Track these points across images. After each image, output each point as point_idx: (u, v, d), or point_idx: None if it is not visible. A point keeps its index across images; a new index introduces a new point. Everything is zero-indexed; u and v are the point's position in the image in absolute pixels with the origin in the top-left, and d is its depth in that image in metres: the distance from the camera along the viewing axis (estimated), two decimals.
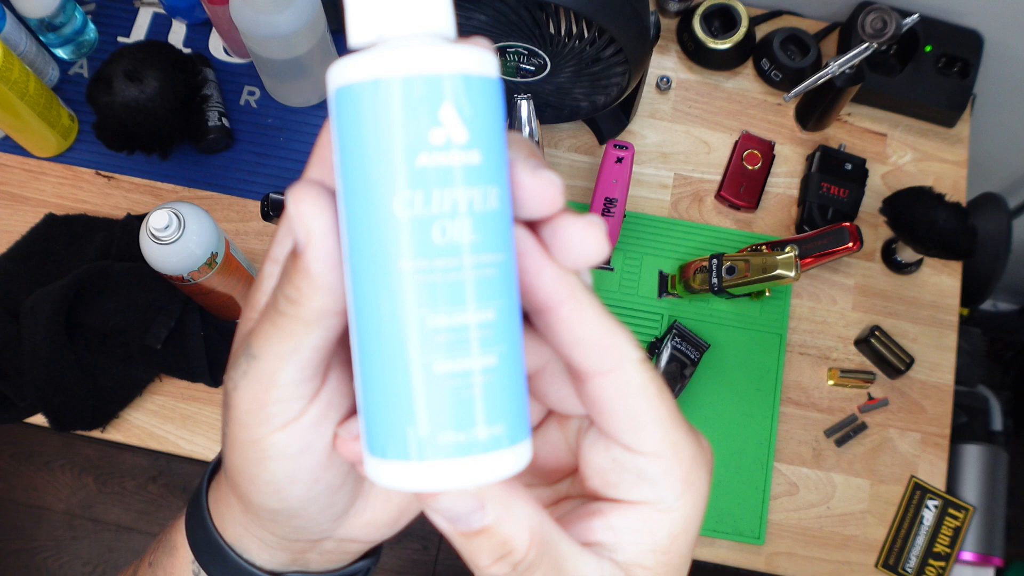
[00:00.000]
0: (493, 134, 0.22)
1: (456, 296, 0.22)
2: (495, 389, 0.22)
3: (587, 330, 0.24)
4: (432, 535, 1.73)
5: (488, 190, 0.22)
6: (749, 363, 0.93)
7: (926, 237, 0.89)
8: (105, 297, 0.88)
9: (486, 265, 0.22)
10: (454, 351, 0.22)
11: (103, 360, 0.89)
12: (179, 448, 0.90)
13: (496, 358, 0.22)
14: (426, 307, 0.22)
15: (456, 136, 0.21)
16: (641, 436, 0.25)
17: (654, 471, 0.25)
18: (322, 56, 0.96)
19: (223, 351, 0.91)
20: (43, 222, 0.96)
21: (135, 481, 1.76)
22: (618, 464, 0.26)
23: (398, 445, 0.22)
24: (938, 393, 0.95)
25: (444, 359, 0.22)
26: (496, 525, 0.23)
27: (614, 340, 0.24)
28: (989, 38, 1.00)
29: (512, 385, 0.23)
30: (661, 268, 0.96)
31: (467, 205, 0.22)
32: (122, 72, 0.88)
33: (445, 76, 0.21)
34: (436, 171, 0.21)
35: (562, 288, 0.24)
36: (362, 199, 0.22)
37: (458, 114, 0.22)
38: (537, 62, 0.83)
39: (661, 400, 0.25)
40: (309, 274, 0.23)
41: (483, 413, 0.22)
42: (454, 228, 0.21)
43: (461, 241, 0.22)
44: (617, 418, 0.25)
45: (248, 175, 0.99)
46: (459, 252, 0.22)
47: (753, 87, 1.04)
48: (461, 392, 0.22)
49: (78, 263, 0.91)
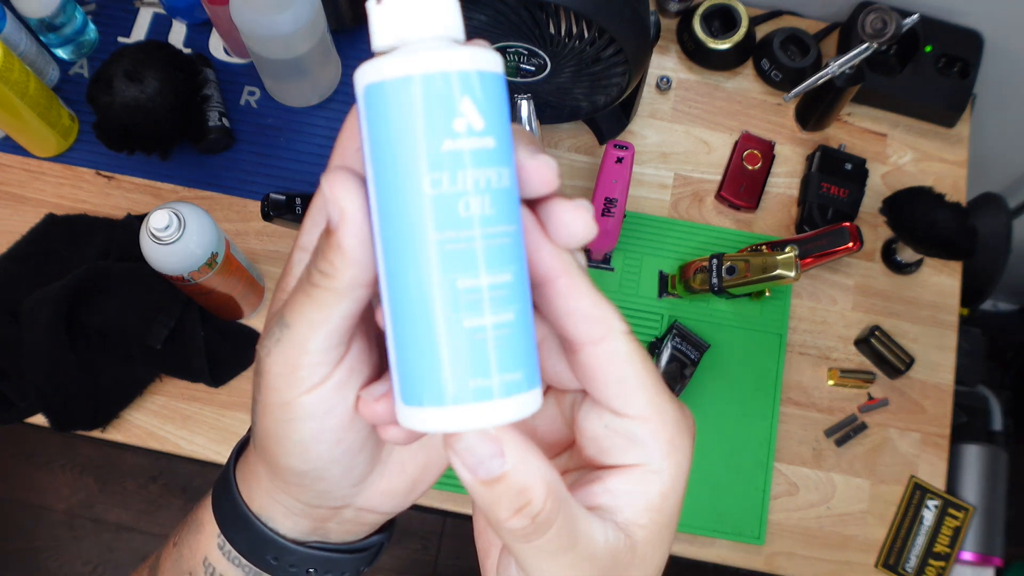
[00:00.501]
0: (503, 122, 0.26)
1: (477, 261, 0.25)
2: (512, 341, 0.26)
3: (579, 302, 0.27)
4: (432, 535, 1.73)
5: (501, 171, 0.25)
6: (749, 363, 0.93)
7: (926, 237, 0.89)
8: (105, 297, 0.88)
9: (501, 235, 0.25)
10: (477, 308, 0.25)
11: (103, 360, 0.89)
12: (179, 448, 0.90)
13: (512, 315, 0.26)
14: (453, 271, 0.25)
15: (475, 124, 0.25)
16: (629, 401, 0.28)
17: (642, 434, 0.28)
18: (322, 56, 0.96)
19: (223, 351, 0.91)
20: (43, 222, 0.96)
21: (135, 481, 1.76)
22: (610, 430, 0.28)
23: (429, 393, 0.25)
24: (938, 393, 0.95)
25: (469, 316, 0.25)
26: (514, 473, 0.25)
27: (603, 312, 0.27)
28: (989, 38, 1.01)
29: (526, 338, 0.26)
30: (661, 268, 0.96)
31: (485, 183, 0.25)
32: (122, 72, 0.88)
33: (464, 73, 0.25)
34: (459, 154, 0.25)
35: (558, 263, 0.27)
36: (393, 181, 0.25)
37: (475, 105, 0.25)
38: (537, 62, 0.83)
39: (645, 368, 0.28)
40: (342, 249, 0.26)
41: (501, 362, 0.25)
42: (475, 203, 0.25)
43: (481, 214, 0.25)
44: (606, 384, 0.28)
45: (248, 175, 0.99)
46: (479, 224, 0.25)
47: (753, 87, 1.04)
48: (483, 344, 0.25)
49: (78, 263, 0.91)
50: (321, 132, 1.01)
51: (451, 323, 0.25)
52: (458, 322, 0.25)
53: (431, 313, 0.25)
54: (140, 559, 1.76)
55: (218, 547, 0.34)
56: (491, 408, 0.25)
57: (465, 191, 0.25)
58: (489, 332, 0.25)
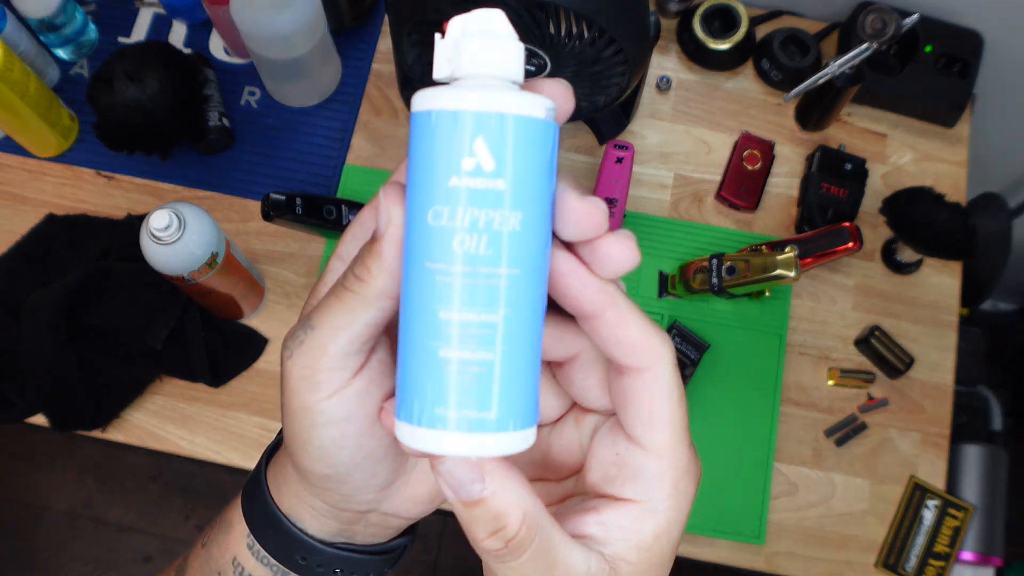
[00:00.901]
0: (527, 167, 0.26)
1: (460, 297, 0.26)
2: (490, 380, 0.26)
3: (627, 332, 0.28)
4: (432, 535, 1.73)
5: (509, 214, 0.26)
6: (749, 363, 0.93)
7: (926, 237, 0.89)
8: (106, 297, 0.88)
9: (496, 276, 0.26)
10: (460, 342, 0.26)
11: (103, 360, 0.89)
12: (179, 448, 0.90)
13: (495, 355, 0.26)
14: (437, 301, 0.26)
15: (485, 165, 0.26)
16: (652, 433, 0.28)
17: (651, 470, 0.28)
18: (322, 56, 0.96)
19: (223, 351, 0.91)
20: (44, 222, 0.96)
21: (135, 481, 1.76)
22: (620, 459, 0.29)
23: (413, 412, 0.26)
24: (938, 393, 0.95)
25: (449, 347, 0.26)
26: (492, 498, 0.26)
27: (651, 341, 0.28)
28: (989, 38, 1.01)
29: (512, 381, 0.26)
30: (661, 268, 0.96)
31: (485, 224, 0.26)
32: (122, 72, 0.88)
33: (482, 114, 0.26)
34: (462, 192, 0.26)
35: (604, 298, 0.27)
36: (412, 206, 0.27)
37: (488, 147, 0.26)
38: (537, 62, 0.83)
39: (679, 406, 0.28)
40: (381, 256, 0.27)
41: (476, 398, 0.26)
42: (470, 241, 0.26)
43: (475, 253, 0.26)
44: (638, 411, 0.28)
45: (248, 175, 0.99)
46: (470, 262, 0.26)
47: (753, 87, 1.04)
48: (462, 377, 0.26)
49: (79, 264, 0.91)
50: (321, 132, 1.01)
51: (430, 349, 0.26)
52: (433, 350, 0.26)
53: (417, 336, 0.26)
54: (140, 559, 1.76)
55: (247, 547, 0.34)
56: (466, 439, 0.26)
57: (462, 228, 0.26)
58: (467, 366, 0.26)
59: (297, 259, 0.96)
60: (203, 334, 0.90)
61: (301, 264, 0.96)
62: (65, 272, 0.88)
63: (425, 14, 0.78)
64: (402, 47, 0.84)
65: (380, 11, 1.06)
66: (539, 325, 0.27)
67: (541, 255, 0.27)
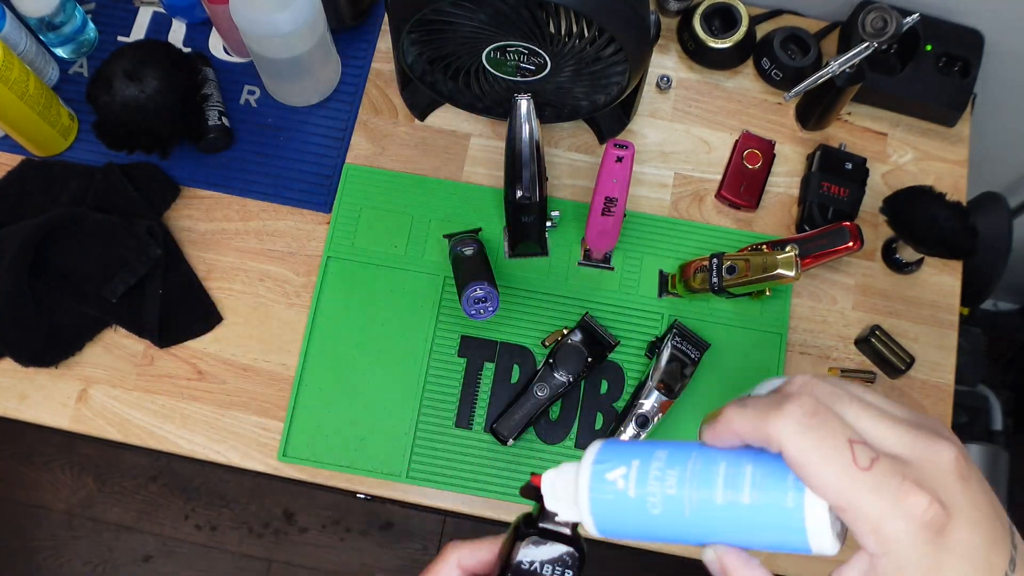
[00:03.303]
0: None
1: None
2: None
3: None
4: (432, 535, 1.73)
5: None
6: (749, 362, 0.93)
7: (926, 236, 0.89)
8: (75, 242, 0.90)
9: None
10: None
11: (59, 297, 0.90)
12: (179, 448, 0.90)
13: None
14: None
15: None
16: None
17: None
18: (322, 55, 0.96)
19: (177, 316, 0.93)
20: (20, 166, 0.97)
21: (135, 481, 1.76)
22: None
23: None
24: (938, 393, 0.95)
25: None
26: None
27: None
28: (990, 37, 1.00)
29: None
30: (661, 267, 0.96)
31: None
32: (122, 71, 0.88)
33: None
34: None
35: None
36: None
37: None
38: (537, 61, 0.83)
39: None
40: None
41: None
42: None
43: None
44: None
45: (248, 175, 0.99)
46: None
47: (753, 86, 1.04)
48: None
49: (53, 207, 0.92)
50: (321, 131, 1.01)
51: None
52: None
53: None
54: (140, 559, 1.76)
55: None
56: None
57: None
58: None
59: (297, 259, 0.96)
60: (161, 293, 0.92)
61: (301, 264, 0.96)
62: (38, 214, 0.90)
63: (425, 13, 0.78)
64: (402, 46, 0.84)
65: (380, 10, 1.06)
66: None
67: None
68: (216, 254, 0.96)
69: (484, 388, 0.92)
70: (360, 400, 0.91)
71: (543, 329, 0.93)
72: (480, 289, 0.83)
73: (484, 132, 1.01)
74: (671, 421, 0.91)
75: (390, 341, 0.93)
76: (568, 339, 0.90)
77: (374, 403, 0.91)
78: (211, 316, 0.94)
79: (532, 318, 0.94)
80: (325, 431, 0.90)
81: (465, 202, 0.98)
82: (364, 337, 0.93)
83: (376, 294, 0.94)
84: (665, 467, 0.35)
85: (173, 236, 0.96)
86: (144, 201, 0.94)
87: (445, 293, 0.94)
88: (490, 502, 0.89)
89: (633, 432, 0.87)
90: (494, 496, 0.89)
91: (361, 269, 0.95)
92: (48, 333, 0.90)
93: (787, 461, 0.33)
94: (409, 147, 1.00)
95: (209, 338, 0.93)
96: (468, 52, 0.83)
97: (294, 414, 0.91)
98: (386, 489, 0.89)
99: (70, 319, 0.91)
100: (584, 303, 0.94)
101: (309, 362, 0.92)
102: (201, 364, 0.93)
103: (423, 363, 0.92)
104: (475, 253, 0.89)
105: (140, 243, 0.90)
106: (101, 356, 0.93)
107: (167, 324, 0.92)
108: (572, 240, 0.96)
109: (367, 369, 0.92)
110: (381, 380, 0.92)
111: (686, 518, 0.34)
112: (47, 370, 0.92)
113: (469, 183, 0.99)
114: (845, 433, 0.32)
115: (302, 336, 0.93)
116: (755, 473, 0.33)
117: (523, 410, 0.88)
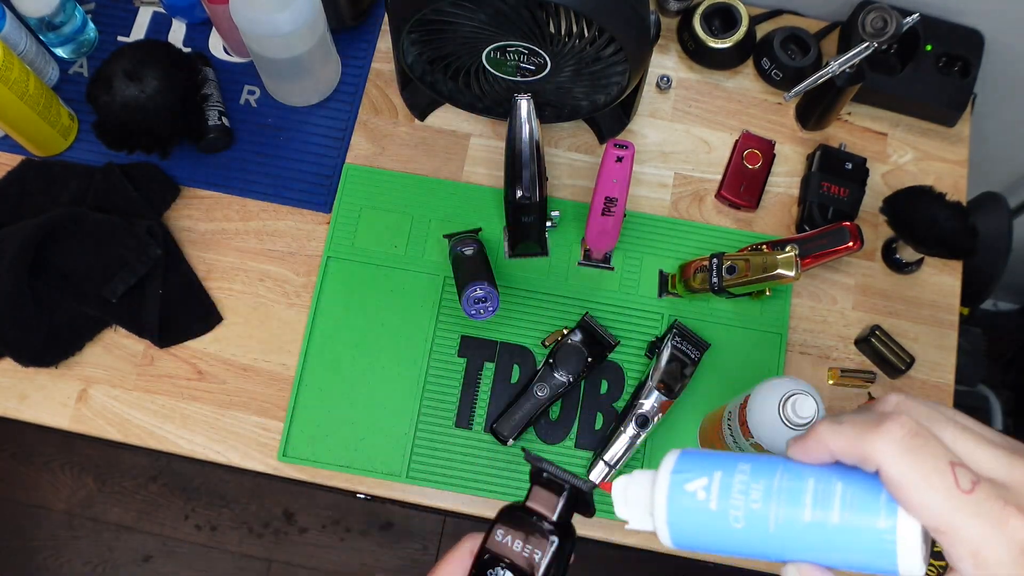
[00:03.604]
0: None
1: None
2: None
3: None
4: (432, 535, 1.73)
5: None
6: (749, 362, 0.93)
7: (926, 236, 0.89)
8: (75, 242, 0.90)
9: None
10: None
11: (59, 297, 0.90)
12: (179, 448, 0.90)
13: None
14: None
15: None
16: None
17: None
18: (322, 55, 0.96)
19: (177, 316, 0.93)
20: (20, 166, 0.97)
21: (135, 481, 1.76)
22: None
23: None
24: (938, 393, 0.95)
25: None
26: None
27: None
28: (990, 37, 1.00)
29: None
30: (661, 267, 0.96)
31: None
32: (122, 71, 0.88)
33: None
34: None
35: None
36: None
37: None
38: (537, 61, 0.83)
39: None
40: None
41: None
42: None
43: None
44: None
45: (248, 174, 0.99)
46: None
47: (753, 86, 1.04)
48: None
49: (53, 207, 0.92)
50: (321, 131, 1.01)
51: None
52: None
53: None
54: (140, 559, 1.76)
55: None
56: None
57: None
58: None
59: (297, 259, 0.96)
60: (161, 293, 0.91)
61: (301, 264, 0.96)
62: (38, 213, 0.90)
63: (425, 13, 0.78)
64: (402, 46, 0.84)
65: (380, 10, 1.06)
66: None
67: None
68: (216, 254, 0.96)
69: (484, 388, 0.92)
70: (360, 400, 0.91)
71: (543, 329, 0.93)
72: (480, 289, 0.83)
73: (484, 132, 1.01)
74: (671, 421, 0.91)
75: (390, 341, 0.93)
76: (568, 339, 0.90)
77: (374, 403, 0.91)
78: (211, 316, 0.94)
79: (532, 318, 0.94)
80: (325, 431, 0.90)
81: (465, 202, 0.98)
82: (364, 337, 0.93)
83: (376, 294, 0.94)
84: (750, 480, 0.35)
85: (173, 236, 0.96)
86: (144, 201, 0.95)
87: (445, 293, 0.94)
88: (490, 502, 0.89)
89: (633, 432, 0.87)
90: (494, 496, 0.89)
91: (361, 269, 0.95)
92: (48, 333, 0.90)
93: (885, 481, 0.32)
94: (409, 147, 1.00)
95: (209, 338, 0.93)
96: (468, 52, 0.83)
97: (294, 414, 0.91)
98: (386, 489, 0.89)
99: (70, 319, 0.91)
100: (584, 303, 0.94)
101: (309, 362, 0.92)
102: (201, 364, 0.93)
103: (423, 363, 0.92)
104: (475, 253, 0.89)
105: (140, 243, 0.90)
106: (101, 356, 0.93)
107: (167, 324, 0.92)
108: (572, 240, 0.96)
109: (367, 369, 0.92)
110: (381, 380, 0.92)
111: (770, 533, 0.34)
112: (47, 370, 0.92)
113: (469, 183, 0.99)
114: (946, 455, 0.32)
115: (302, 336, 0.93)
116: (846, 491, 0.33)
117: (523, 410, 0.88)
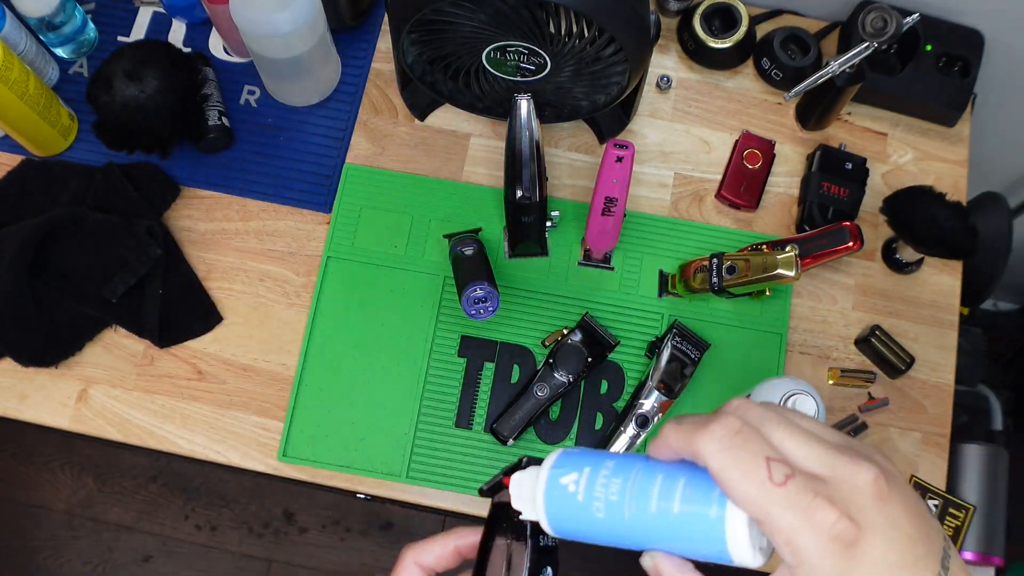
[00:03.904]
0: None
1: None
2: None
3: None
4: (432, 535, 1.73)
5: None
6: (749, 362, 0.93)
7: (926, 236, 0.89)
8: (75, 242, 0.90)
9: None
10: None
11: (59, 297, 0.90)
12: (179, 447, 0.90)
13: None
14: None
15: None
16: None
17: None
18: (322, 55, 0.96)
19: (177, 316, 0.93)
20: (20, 166, 0.97)
21: (135, 481, 1.76)
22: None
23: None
24: (938, 393, 0.95)
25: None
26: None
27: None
28: (990, 37, 1.00)
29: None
30: (661, 267, 0.96)
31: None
32: (122, 71, 0.88)
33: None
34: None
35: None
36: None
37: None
38: (537, 61, 0.83)
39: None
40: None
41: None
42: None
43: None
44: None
45: (248, 175, 0.99)
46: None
47: (753, 86, 1.04)
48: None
49: (53, 207, 0.92)
50: (321, 131, 1.01)
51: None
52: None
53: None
54: (140, 559, 1.76)
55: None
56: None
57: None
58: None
59: (297, 259, 0.96)
60: (161, 293, 0.91)
61: (301, 264, 0.96)
62: (38, 213, 0.90)
63: (425, 13, 0.78)
64: (402, 46, 0.84)
65: (380, 10, 1.06)
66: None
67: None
68: (216, 254, 0.96)
69: (484, 388, 0.92)
70: (360, 400, 0.91)
71: (543, 329, 0.93)
72: (480, 289, 0.83)
73: (484, 132, 1.01)
74: None
75: (390, 341, 0.93)
76: (568, 339, 0.90)
77: (374, 403, 0.91)
78: (211, 316, 0.94)
79: (532, 318, 0.94)
80: (325, 431, 0.90)
81: (465, 202, 0.98)
82: (364, 337, 0.93)
83: (376, 294, 0.94)
84: (611, 475, 0.38)
85: (173, 236, 0.96)
86: (144, 201, 0.95)
87: (445, 293, 0.94)
88: (490, 502, 0.89)
89: (633, 432, 0.87)
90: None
91: (361, 269, 0.95)
92: (48, 333, 0.90)
93: (712, 475, 0.35)
94: (409, 147, 1.00)
95: (209, 338, 0.93)
96: (468, 52, 0.83)
97: (294, 414, 0.91)
98: (386, 489, 0.89)
99: (70, 319, 0.91)
100: (584, 303, 0.94)
101: (309, 362, 0.92)
102: (201, 364, 0.93)
103: (423, 363, 0.92)
104: (475, 253, 0.89)
105: (140, 243, 0.90)
106: (101, 356, 0.93)
107: (167, 324, 0.92)
108: (572, 240, 0.96)
109: (367, 369, 0.92)
110: (381, 380, 0.92)
111: (626, 523, 0.37)
112: (47, 370, 0.92)
113: (469, 183, 0.99)
114: (763, 452, 0.34)
115: (302, 336, 0.93)
116: (687, 485, 0.36)
117: (523, 410, 0.88)
